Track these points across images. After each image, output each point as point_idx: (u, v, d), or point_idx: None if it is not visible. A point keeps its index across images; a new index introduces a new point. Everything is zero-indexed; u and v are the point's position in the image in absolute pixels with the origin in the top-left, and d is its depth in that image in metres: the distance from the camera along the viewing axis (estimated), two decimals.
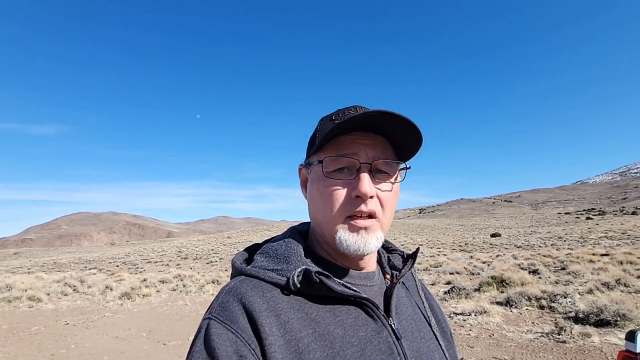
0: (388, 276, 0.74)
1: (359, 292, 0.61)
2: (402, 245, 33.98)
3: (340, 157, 0.63)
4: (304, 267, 0.60)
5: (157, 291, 10.18)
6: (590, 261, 12.31)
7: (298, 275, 0.59)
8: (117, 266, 24.34)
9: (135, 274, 15.88)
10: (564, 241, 30.49)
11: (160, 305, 8.42)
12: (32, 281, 10.79)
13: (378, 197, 0.64)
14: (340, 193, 0.62)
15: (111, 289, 9.92)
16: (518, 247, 27.36)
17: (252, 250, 0.71)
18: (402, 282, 0.76)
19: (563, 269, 11.52)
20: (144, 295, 9.34)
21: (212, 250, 36.50)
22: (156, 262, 26.74)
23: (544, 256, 15.31)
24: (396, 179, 0.67)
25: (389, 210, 0.65)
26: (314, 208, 0.66)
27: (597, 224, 57.99)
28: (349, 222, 0.62)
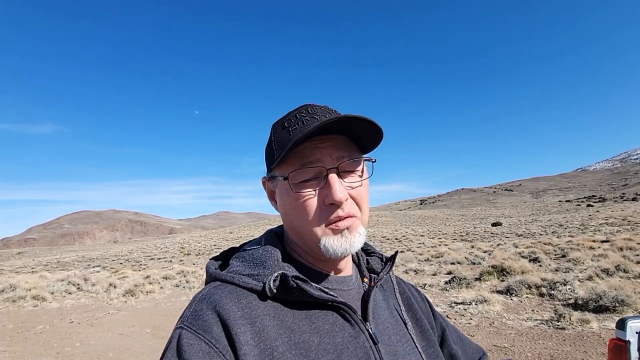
0: (366, 279, 0.73)
1: (335, 297, 0.60)
2: (404, 236, 34.14)
3: (304, 167, 0.61)
4: (280, 271, 0.59)
5: (161, 287, 10.26)
6: (591, 248, 12.36)
7: (274, 280, 0.58)
8: (121, 264, 24.51)
9: (139, 271, 15.99)
10: (565, 229, 30.57)
11: (164, 302, 8.50)
12: (36, 280, 10.86)
13: (352, 197, 0.63)
14: (314, 203, 0.61)
15: (115, 287, 9.99)
16: (519, 236, 27.45)
17: (229, 255, 0.70)
18: (381, 286, 0.74)
19: (563, 256, 11.58)
20: (147, 292, 9.41)
21: (215, 245, 36.70)
22: (159, 258, 26.92)
23: (545, 244, 15.36)
24: (363, 173, 0.66)
25: (364, 206, 0.65)
26: (290, 220, 0.65)
27: (597, 211, 58.07)
28: (330, 227, 0.61)
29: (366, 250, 0.79)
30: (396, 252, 0.78)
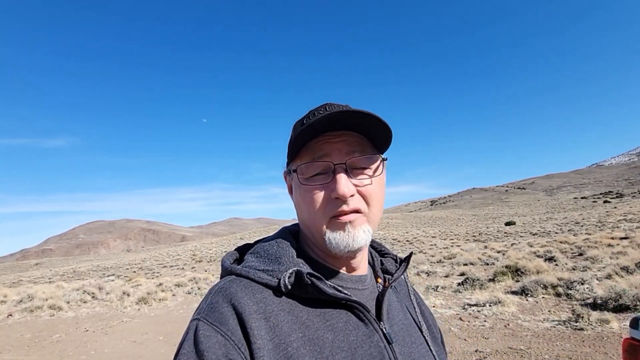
0: (380, 280, 0.73)
1: (350, 296, 0.60)
2: (415, 238, 33.76)
3: (313, 162, 0.63)
4: (295, 268, 0.59)
5: (173, 295, 10.36)
6: (609, 245, 12.03)
7: (289, 277, 0.58)
8: (134, 272, 24.81)
9: (152, 278, 16.18)
10: (582, 226, 29.80)
11: (177, 309, 8.57)
12: (52, 290, 11.10)
13: (360, 194, 0.63)
14: (321, 197, 0.62)
15: (128, 295, 10.12)
16: (534, 235, 26.88)
17: (243, 250, 0.70)
18: (394, 287, 0.75)
19: (581, 254, 11.29)
20: (160, 300, 9.51)
21: (226, 252, 36.89)
22: (171, 266, 27.19)
23: (561, 242, 15.01)
24: (375, 171, 0.65)
25: (375, 205, 0.64)
26: (301, 213, 0.66)
27: (615, 207, 56.57)
28: (334, 221, 0.61)
29: (380, 251, 0.79)
30: (410, 253, 0.78)
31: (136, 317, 7.89)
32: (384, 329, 0.62)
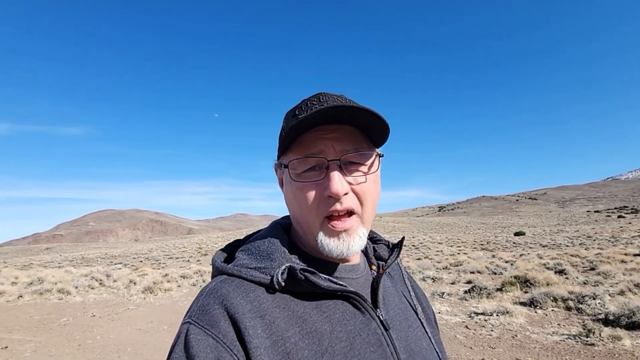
0: (374, 267, 0.72)
1: (345, 286, 0.60)
2: (421, 243, 33.48)
3: (306, 157, 0.60)
4: (288, 264, 0.58)
5: (178, 286, 10.45)
6: (622, 261, 11.71)
7: (282, 273, 0.57)
8: (141, 261, 25.16)
9: (158, 269, 16.37)
10: (594, 240, 29.13)
11: (181, 300, 8.64)
12: (61, 275, 11.32)
13: (354, 192, 0.61)
14: (313, 195, 0.60)
15: (135, 283, 10.26)
16: (544, 247, 26.36)
17: (234, 247, 0.69)
18: (388, 272, 0.74)
19: (592, 269, 11.02)
20: (165, 290, 9.60)
21: None
22: (177, 258, 27.48)
23: (572, 256, 14.69)
24: (370, 168, 0.63)
25: (369, 203, 0.62)
26: (292, 209, 0.64)
27: (629, 223, 55.17)
28: (327, 224, 0.60)
29: (372, 237, 0.78)
30: (402, 238, 0.76)
31: (142, 305, 7.98)
32: (380, 316, 0.62)
